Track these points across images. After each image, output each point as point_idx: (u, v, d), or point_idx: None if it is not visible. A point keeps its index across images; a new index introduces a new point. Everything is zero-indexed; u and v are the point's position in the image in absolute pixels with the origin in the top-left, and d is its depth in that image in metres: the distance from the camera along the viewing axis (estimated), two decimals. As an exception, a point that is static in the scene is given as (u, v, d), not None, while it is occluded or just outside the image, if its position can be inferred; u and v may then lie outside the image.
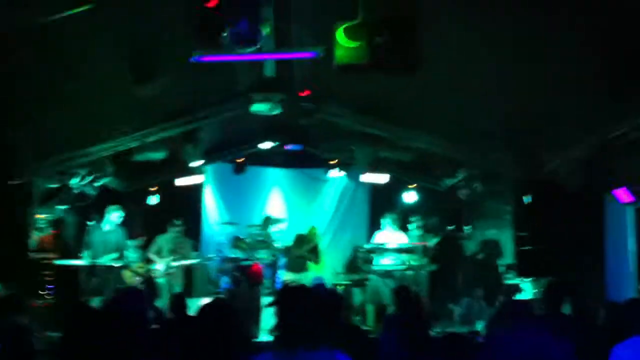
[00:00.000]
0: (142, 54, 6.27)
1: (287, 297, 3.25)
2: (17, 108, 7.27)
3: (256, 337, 7.95)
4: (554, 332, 4.50)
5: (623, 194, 8.47)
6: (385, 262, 10.30)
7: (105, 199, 11.09)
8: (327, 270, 11.67)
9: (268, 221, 11.33)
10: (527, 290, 9.54)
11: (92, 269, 9.81)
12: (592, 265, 9.17)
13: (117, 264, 10.07)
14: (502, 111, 7.85)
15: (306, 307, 3.15)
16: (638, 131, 6.92)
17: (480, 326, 9.08)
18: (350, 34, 4.99)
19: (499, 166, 9.85)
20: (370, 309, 10.53)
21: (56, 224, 10.61)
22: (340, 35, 5.06)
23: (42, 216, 10.48)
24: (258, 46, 5.89)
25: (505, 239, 11.23)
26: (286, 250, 11.29)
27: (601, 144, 7.64)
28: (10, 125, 7.68)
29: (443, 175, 11.09)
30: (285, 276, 11.12)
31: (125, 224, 10.70)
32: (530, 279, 9.55)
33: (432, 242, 10.89)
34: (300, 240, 11.24)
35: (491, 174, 10.10)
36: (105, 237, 10.03)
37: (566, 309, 6.41)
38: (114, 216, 10.04)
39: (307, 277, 10.88)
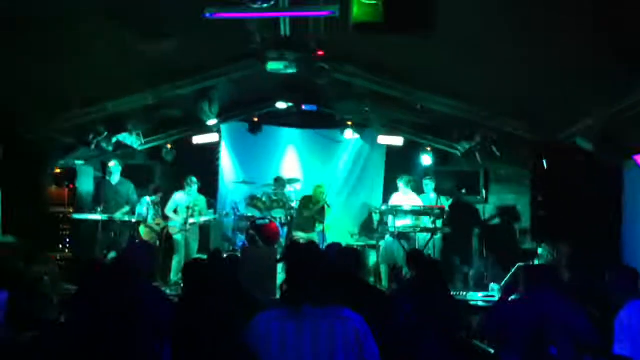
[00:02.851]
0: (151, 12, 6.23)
1: (294, 253, 3.25)
2: (35, 64, 7.26)
3: (273, 296, 8.02)
4: (575, 299, 4.49)
5: (644, 160, 8.34)
6: (400, 223, 10.29)
7: (123, 154, 11.23)
8: (343, 231, 11.72)
9: (279, 182, 11.36)
10: (543, 255, 9.54)
11: (108, 224, 10.00)
12: (609, 232, 9.10)
13: (133, 219, 10.23)
14: (521, 79, 7.72)
15: (312, 263, 3.15)
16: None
17: (494, 290, 9.16)
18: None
19: (517, 129, 9.73)
20: (384, 270, 10.57)
21: (73, 178, 10.76)
22: (356, -9, 4.98)
23: (60, 170, 10.62)
24: (273, 3, 5.85)
25: (523, 204, 11.19)
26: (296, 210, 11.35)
27: (618, 111, 7.50)
28: (28, 81, 7.69)
29: (460, 138, 10.98)
30: (295, 235, 11.19)
31: (142, 180, 10.83)
32: (546, 244, 9.52)
33: (447, 204, 10.86)
34: (308, 200, 11.24)
35: (508, 138, 9.98)
36: (115, 190, 10.22)
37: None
38: (114, 169, 10.24)
39: (315, 237, 10.97)
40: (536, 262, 9.47)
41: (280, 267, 8.61)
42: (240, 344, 3.02)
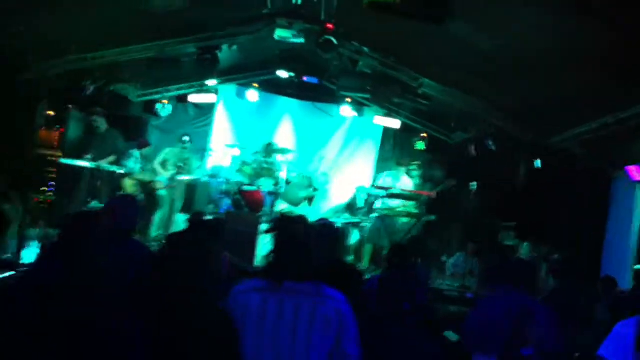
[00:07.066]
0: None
1: (283, 227, 3.22)
2: (31, 8, 7.11)
3: (251, 264, 8.02)
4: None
5: (635, 171, 8.40)
6: (386, 205, 10.31)
7: (115, 104, 11.07)
8: (329, 208, 11.74)
9: (270, 148, 11.29)
10: (524, 252, 9.62)
11: (94, 172, 9.87)
12: (591, 238, 9.18)
13: (120, 170, 10.11)
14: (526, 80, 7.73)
15: (301, 240, 3.12)
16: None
17: (470, 282, 9.22)
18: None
19: (514, 128, 9.73)
20: (367, 250, 10.56)
21: (64, 122, 10.63)
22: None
23: (51, 113, 10.48)
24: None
25: (510, 200, 11.22)
26: (288, 182, 11.29)
27: (615, 122, 7.53)
28: (23, 23, 7.53)
29: (456, 128, 10.97)
30: (280, 205, 11.15)
31: (133, 132, 10.70)
32: (527, 242, 9.61)
33: (434, 192, 10.87)
34: (307, 182, 11.24)
35: (504, 135, 9.98)
36: (101, 138, 10.09)
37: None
38: (100, 117, 10.14)
39: (300, 210, 10.94)
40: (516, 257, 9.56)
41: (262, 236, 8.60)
42: (220, 309, 2.97)
